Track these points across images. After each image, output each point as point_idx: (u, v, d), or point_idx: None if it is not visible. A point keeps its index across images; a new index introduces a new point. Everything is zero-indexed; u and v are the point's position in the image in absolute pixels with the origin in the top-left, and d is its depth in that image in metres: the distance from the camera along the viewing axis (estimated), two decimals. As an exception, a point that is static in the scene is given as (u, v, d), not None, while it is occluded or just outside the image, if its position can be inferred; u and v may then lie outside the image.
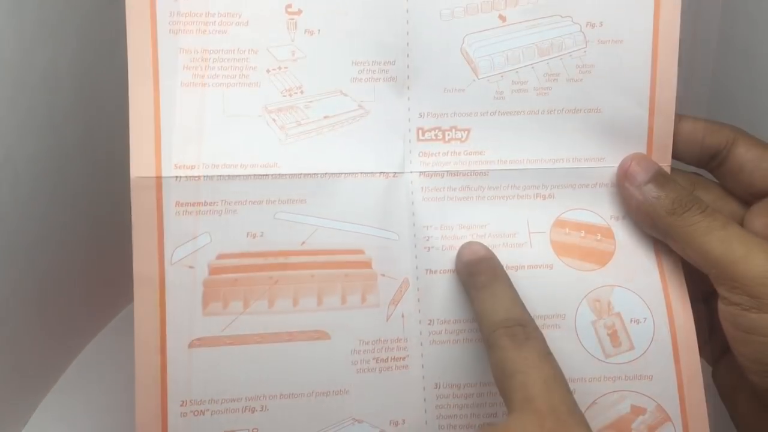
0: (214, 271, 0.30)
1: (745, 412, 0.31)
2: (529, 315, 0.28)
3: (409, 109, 0.32)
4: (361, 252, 0.31)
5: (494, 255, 0.31)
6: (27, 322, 0.37)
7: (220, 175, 0.30)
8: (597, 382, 0.30)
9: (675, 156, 0.32)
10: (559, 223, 0.32)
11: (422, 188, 0.32)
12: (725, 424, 0.32)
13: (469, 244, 0.31)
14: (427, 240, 0.31)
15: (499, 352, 0.27)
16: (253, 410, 0.29)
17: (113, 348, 0.43)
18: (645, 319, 0.31)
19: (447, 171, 0.32)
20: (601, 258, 0.32)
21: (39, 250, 0.37)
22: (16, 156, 0.33)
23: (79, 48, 0.35)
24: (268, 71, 0.30)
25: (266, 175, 0.30)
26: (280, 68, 0.31)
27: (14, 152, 0.33)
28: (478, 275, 0.30)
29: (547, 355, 0.27)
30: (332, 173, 0.31)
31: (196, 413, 0.29)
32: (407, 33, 0.31)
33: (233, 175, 0.30)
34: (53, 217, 0.37)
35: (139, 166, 0.29)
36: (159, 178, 0.29)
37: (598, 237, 0.32)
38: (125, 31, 0.29)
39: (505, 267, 0.31)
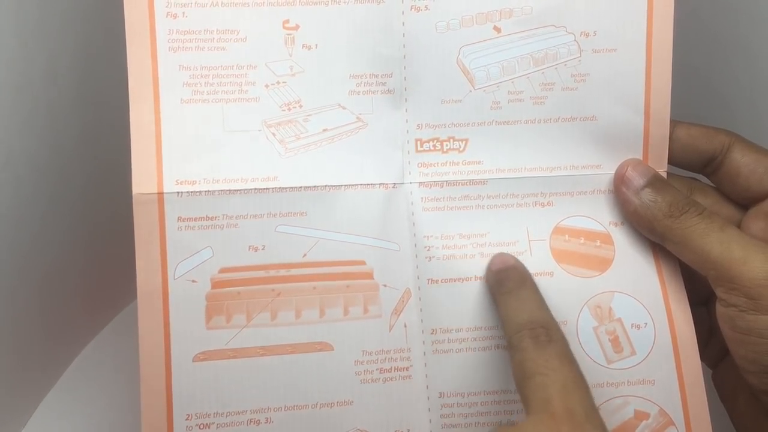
0: (216, 284, 0.30)
1: (744, 414, 0.31)
2: (554, 319, 0.29)
3: (407, 121, 0.32)
4: (362, 263, 0.31)
5: (523, 265, 0.31)
6: (27, 322, 0.38)
7: (221, 190, 0.30)
8: (600, 388, 0.31)
9: (671, 161, 0.32)
10: (559, 231, 0.32)
11: (422, 198, 0.32)
12: (726, 426, 0.32)
13: (499, 254, 0.31)
14: (428, 250, 0.31)
15: (520, 354, 0.27)
16: (257, 422, 0.29)
17: (113, 348, 0.44)
18: (646, 324, 0.31)
19: (446, 181, 0.32)
20: (601, 264, 0.32)
21: (39, 250, 0.37)
22: (18, 157, 0.33)
23: (80, 49, 0.36)
24: (266, 86, 0.31)
25: (267, 188, 0.30)
26: (278, 83, 0.31)
27: (15, 153, 0.33)
28: (507, 281, 0.30)
29: (568, 359, 0.27)
30: (332, 185, 0.31)
31: (201, 426, 0.29)
32: (404, 46, 0.32)
33: (234, 190, 0.30)
34: (54, 218, 0.37)
35: (141, 183, 0.30)
36: (161, 194, 0.30)
37: (598, 243, 0.32)
38: (125, 45, 0.30)
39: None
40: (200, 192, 0.30)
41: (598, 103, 0.32)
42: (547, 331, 0.28)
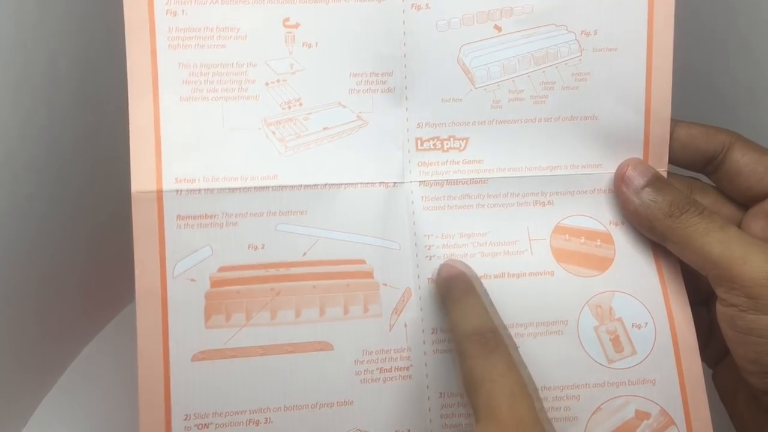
0: (216, 283, 0.30)
1: (744, 413, 0.31)
2: (502, 325, 0.28)
3: (407, 120, 0.32)
4: (362, 262, 0.31)
5: (472, 271, 0.31)
6: (27, 322, 0.37)
7: (221, 188, 0.30)
8: (601, 388, 0.30)
9: (672, 161, 0.32)
10: (559, 230, 0.32)
11: (422, 197, 0.32)
12: (726, 426, 0.32)
13: (448, 262, 0.31)
14: (429, 249, 0.31)
15: (469, 360, 0.27)
16: (257, 423, 0.29)
17: (113, 348, 0.44)
18: (646, 323, 0.31)
19: (446, 180, 0.32)
20: (602, 264, 0.32)
21: (38, 250, 0.37)
22: (17, 155, 0.33)
23: (79, 49, 0.36)
24: (266, 84, 0.31)
25: (266, 187, 0.30)
26: (278, 81, 0.31)
27: (14, 153, 0.33)
28: (454, 289, 0.30)
29: (515, 364, 0.26)
30: (332, 184, 0.31)
31: (199, 427, 0.29)
32: (404, 44, 0.31)
33: (234, 188, 0.30)
34: (53, 218, 0.37)
35: (140, 181, 0.29)
36: (160, 191, 0.29)
37: (598, 243, 0.32)
38: (124, 43, 0.30)
39: (506, 275, 0.31)
40: (199, 190, 0.30)
41: (598, 103, 0.32)
42: (495, 338, 0.27)
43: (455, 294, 0.29)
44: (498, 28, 0.32)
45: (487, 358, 0.26)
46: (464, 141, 0.32)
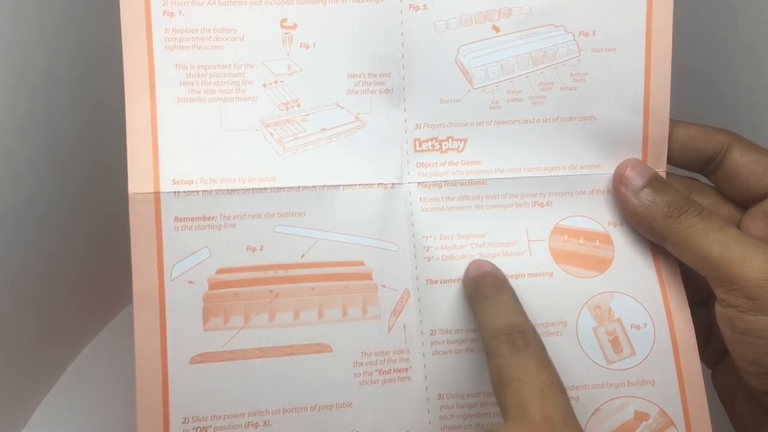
0: (214, 285, 0.30)
1: (743, 414, 0.31)
2: (531, 324, 0.28)
3: (405, 121, 0.32)
4: (360, 264, 0.31)
5: (500, 270, 0.31)
6: (27, 322, 0.38)
7: (219, 190, 0.30)
8: (600, 389, 0.30)
9: (670, 161, 0.32)
10: (558, 231, 0.32)
11: (420, 199, 0.32)
12: (726, 427, 0.32)
13: (476, 261, 0.31)
14: (427, 250, 0.31)
15: (497, 359, 0.27)
16: (255, 425, 0.29)
17: (113, 348, 0.44)
18: (645, 324, 0.31)
19: (445, 181, 0.32)
20: (601, 264, 0.32)
21: (38, 250, 0.37)
22: (16, 156, 0.33)
23: (78, 48, 0.36)
24: (264, 85, 0.31)
25: (264, 188, 0.30)
26: (276, 82, 0.31)
27: (13, 153, 0.33)
28: (483, 287, 0.30)
29: (545, 363, 0.26)
30: (330, 185, 0.31)
31: (198, 430, 0.29)
32: (402, 45, 0.31)
33: (231, 190, 0.30)
34: (52, 217, 0.37)
35: (138, 183, 0.29)
36: (157, 193, 0.29)
37: (597, 243, 0.32)
38: (121, 45, 0.29)
39: (505, 276, 0.31)
40: (197, 192, 0.30)
41: (597, 103, 0.32)
42: (524, 336, 0.27)
43: (484, 292, 0.29)
44: (496, 29, 0.32)
45: (516, 357, 0.26)
46: (463, 142, 0.32)
